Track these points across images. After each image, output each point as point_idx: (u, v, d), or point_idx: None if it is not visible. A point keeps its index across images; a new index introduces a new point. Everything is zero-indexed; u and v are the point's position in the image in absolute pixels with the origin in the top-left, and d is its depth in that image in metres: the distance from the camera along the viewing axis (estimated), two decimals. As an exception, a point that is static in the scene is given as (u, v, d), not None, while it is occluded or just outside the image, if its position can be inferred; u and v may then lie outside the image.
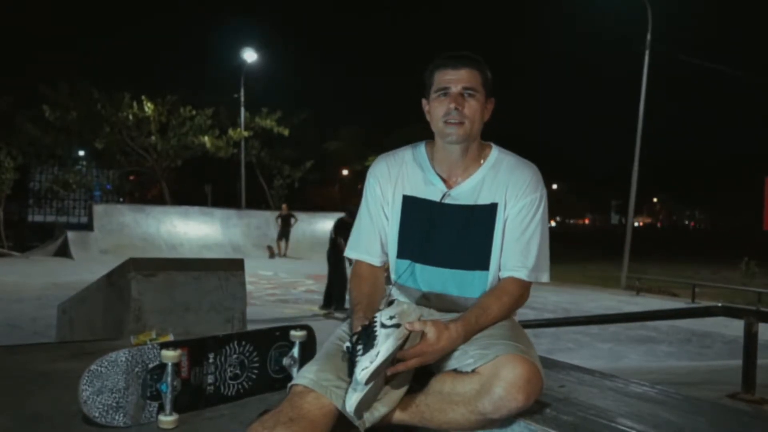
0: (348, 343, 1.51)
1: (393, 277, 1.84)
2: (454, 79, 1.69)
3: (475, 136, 1.73)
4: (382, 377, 1.48)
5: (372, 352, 1.41)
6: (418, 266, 1.76)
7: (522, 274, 1.70)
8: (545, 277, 1.73)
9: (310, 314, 8.45)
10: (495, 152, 1.78)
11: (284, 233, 18.24)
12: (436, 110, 1.71)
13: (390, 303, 1.62)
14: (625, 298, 13.04)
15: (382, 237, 1.81)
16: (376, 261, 1.82)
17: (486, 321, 1.62)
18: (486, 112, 1.75)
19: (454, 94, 1.68)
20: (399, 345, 1.45)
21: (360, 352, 1.44)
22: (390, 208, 1.80)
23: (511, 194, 1.72)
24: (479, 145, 1.78)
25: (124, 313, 2.87)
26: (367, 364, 1.39)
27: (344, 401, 1.44)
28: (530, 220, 1.71)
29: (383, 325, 1.46)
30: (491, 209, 1.72)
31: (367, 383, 1.41)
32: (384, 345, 1.42)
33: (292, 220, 18.42)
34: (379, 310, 1.76)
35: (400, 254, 1.79)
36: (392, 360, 1.44)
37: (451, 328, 1.53)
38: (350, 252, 1.85)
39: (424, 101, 1.78)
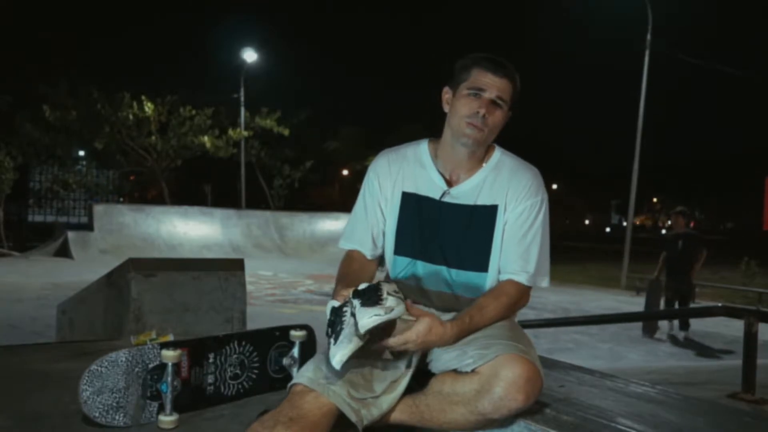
0: (334, 303, 1.48)
1: (391, 274, 1.83)
2: (492, 84, 1.67)
3: (486, 143, 1.73)
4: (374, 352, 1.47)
5: (377, 310, 1.37)
6: (420, 263, 1.76)
7: (522, 279, 1.70)
8: (545, 282, 1.73)
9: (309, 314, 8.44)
10: (497, 153, 1.78)
11: None
12: (461, 106, 1.69)
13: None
14: (625, 298, 13.01)
15: (374, 232, 1.82)
16: (368, 254, 1.82)
17: (482, 320, 1.61)
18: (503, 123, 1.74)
19: (486, 100, 1.66)
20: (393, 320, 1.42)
21: (356, 307, 1.39)
22: (389, 204, 1.80)
23: (512, 197, 1.71)
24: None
25: (123, 313, 2.86)
26: (380, 312, 1.36)
27: (330, 358, 1.39)
28: (531, 224, 1.71)
29: (389, 293, 1.43)
30: (491, 211, 1.72)
31: (362, 338, 1.37)
32: (398, 307, 1.40)
33: None
34: None
35: (398, 251, 1.79)
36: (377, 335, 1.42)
37: (446, 327, 1.53)
38: (344, 243, 1.86)
39: (446, 89, 1.75)
